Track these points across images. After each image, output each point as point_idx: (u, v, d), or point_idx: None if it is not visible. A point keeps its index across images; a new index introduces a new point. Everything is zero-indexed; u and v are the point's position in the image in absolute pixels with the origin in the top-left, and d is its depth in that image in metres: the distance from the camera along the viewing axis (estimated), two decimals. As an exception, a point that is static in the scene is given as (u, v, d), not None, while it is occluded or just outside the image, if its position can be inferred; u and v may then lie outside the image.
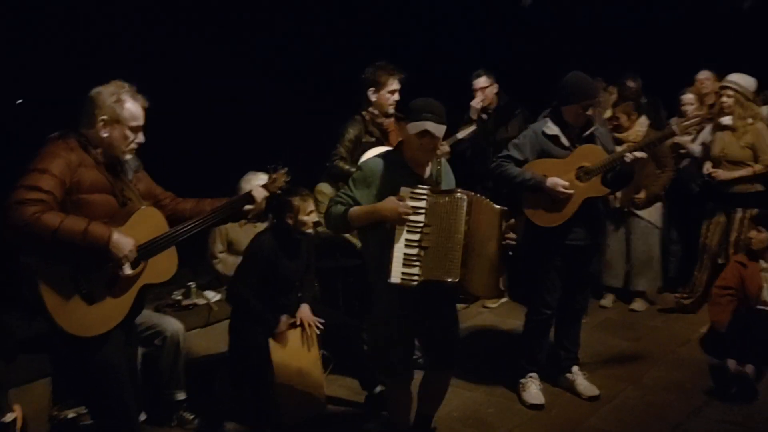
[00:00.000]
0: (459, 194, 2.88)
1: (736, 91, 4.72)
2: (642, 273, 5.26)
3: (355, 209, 2.88)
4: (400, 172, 2.92)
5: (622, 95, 5.39)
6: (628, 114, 5.00)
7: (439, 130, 2.83)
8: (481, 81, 5.20)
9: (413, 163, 2.95)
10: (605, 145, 3.72)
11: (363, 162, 3.05)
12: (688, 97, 5.49)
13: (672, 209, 5.44)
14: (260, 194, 3.05)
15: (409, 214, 2.80)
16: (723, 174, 4.75)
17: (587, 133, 3.69)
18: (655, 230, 5.23)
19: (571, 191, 3.60)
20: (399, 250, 2.80)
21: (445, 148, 4.33)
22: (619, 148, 3.81)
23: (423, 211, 2.83)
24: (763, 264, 4.16)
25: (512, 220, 2.99)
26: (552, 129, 3.68)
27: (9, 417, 2.48)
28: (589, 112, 3.62)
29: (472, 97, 5.24)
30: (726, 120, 4.78)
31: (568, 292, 3.89)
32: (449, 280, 2.84)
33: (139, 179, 2.91)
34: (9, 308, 3.85)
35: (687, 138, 5.13)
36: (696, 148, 5.11)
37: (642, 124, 5.02)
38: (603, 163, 3.60)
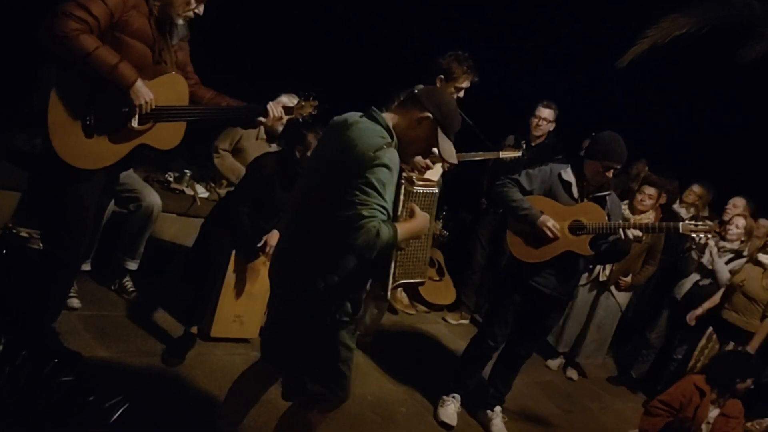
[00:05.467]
0: (435, 189, 2.55)
1: None
2: (590, 347, 5.29)
3: (402, 230, 2.25)
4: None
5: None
6: (655, 199, 5.00)
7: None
8: (546, 112, 5.16)
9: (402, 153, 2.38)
10: (611, 214, 3.70)
11: (388, 156, 2.23)
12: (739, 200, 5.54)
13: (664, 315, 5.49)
14: (275, 111, 2.99)
15: None
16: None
17: (600, 194, 3.70)
18: (618, 314, 5.27)
19: (556, 233, 3.61)
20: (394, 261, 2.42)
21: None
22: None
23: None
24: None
25: None
26: (569, 176, 3.70)
27: None
28: (609, 174, 3.62)
29: (525, 120, 5.22)
30: (764, 257, 4.80)
31: (517, 335, 3.89)
32: (419, 280, 2.55)
33: (180, 48, 2.94)
34: (20, 126, 3.90)
35: (722, 258, 5.15)
36: (723, 269, 5.07)
37: (650, 215, 5.02)
38: (597, 226, 3.60)
